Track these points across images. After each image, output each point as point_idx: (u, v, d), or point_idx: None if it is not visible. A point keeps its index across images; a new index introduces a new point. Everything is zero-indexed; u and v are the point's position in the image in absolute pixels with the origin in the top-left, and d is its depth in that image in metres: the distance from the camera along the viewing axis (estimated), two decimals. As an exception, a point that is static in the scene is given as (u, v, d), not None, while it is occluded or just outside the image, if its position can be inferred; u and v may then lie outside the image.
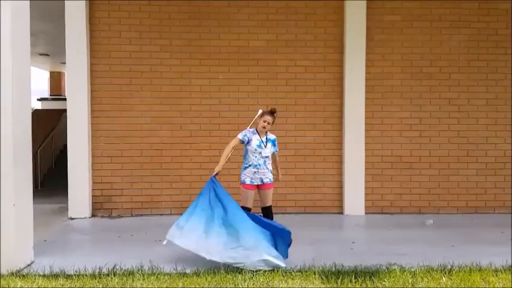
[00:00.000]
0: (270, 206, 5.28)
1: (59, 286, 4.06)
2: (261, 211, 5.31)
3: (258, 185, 5.17)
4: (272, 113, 5.14)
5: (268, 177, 5.18)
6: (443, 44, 7.51)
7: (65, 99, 7.42)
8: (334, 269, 4.51)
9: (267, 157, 5.15)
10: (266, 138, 5.17)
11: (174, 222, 4.82)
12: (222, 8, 7.37)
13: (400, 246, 5.47)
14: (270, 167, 5.20)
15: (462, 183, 7.54)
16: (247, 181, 5.13)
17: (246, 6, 7.38)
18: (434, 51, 7.51)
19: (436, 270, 4.41)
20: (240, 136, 5.11)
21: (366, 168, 7.40)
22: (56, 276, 4.33)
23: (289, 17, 7.41)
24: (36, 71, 19.28)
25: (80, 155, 7.12)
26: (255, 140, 5.09)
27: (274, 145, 5.23)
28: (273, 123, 5.14)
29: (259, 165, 5.11)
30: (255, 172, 5.11)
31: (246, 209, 5.16)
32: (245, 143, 5.11)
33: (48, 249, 5.30)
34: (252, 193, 5.17)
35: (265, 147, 5.11)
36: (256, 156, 5.10)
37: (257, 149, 5.08)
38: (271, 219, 5.26)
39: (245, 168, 5.16)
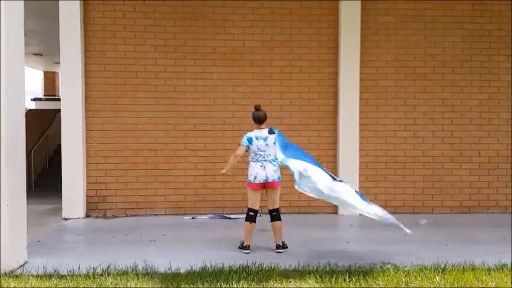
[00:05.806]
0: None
1: (52, 286, 4.05)
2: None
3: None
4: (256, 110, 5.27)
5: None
6: (436, 45, 7.56)
7: (59, 99, 7.39)
8: (328, 268, 4.52)
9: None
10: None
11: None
12: (216, 9, 7.37)
13: (393, 245, 5.49)
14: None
15: (455, 183, 7.59)
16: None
17: (241, 6, 7.38)
18: (428, 52, 7.55)
19: (430, 270, 4.43)
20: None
21: (360, 168, 7.43)
22: (49, 276, 4.31)
23: (283, 18, 7.43)
24: (30, 71, 19.17)
25: (74, 155, 7.09)
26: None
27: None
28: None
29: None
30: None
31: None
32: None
33: (41, 250, 5.27)
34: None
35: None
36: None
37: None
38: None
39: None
